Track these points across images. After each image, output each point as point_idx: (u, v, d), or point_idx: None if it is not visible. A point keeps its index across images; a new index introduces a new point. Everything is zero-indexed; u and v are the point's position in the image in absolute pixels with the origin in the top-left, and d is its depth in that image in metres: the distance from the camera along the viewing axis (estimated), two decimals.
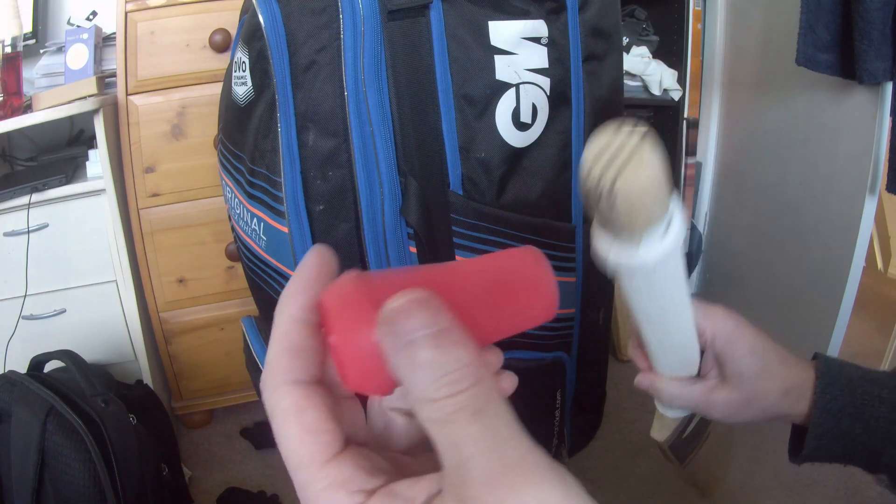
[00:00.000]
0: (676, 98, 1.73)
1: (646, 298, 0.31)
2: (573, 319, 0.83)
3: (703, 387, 0.48)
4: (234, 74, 0.75)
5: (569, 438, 0.93)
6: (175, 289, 1.35)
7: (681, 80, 1.72)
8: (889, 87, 1.07)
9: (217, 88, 0.93)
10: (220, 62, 1.23)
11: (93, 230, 1.24)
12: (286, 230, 0.72)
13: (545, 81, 0.72)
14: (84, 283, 1.27)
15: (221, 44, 1.22)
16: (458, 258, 0.74)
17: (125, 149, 1.26)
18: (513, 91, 0.71)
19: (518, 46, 0.70)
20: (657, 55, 1.75)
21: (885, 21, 0.98)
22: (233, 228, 0.87)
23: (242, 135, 0.75)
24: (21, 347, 1.20)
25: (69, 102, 1.15)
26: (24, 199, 1.17)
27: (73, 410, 0.94)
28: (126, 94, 1.23)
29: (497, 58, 0.70)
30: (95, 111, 1.17)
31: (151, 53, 1.22)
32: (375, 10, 0.67)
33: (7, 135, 1.32)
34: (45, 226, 1.21)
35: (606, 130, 0.24)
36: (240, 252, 0.87)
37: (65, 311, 1.27)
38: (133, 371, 1.33)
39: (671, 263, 0.27)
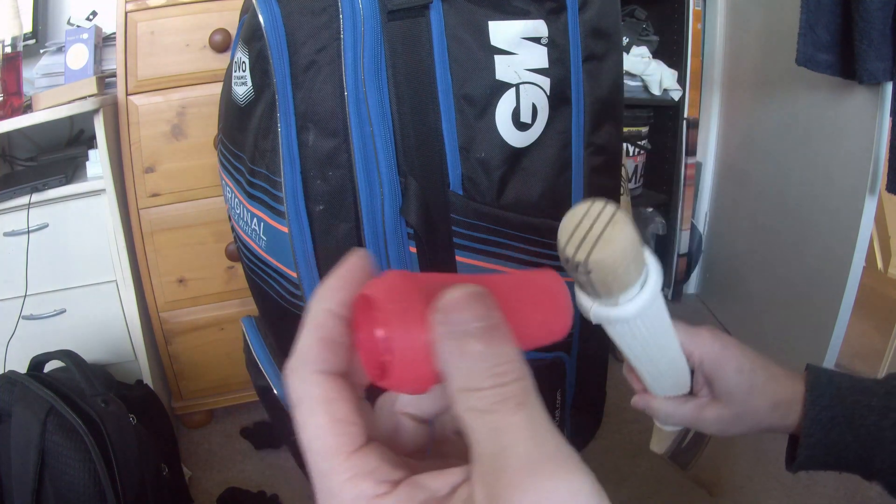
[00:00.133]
0: (676, 98, 1.73)
1: (630, 341, 0.34)
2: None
3: (695, 404, 0.50)
4: (234, 74, 0.75)
5: (569, 439, 0.93)
6: (175, 289, 1.35)
7: (681, 80, 1.72)
8: (889, 87, 1.08)
9: (217, 88, 0.93)
10: (220, 62, 1.23)
11: (93, 230, 1.24)
12: (286, 230, 0.72)
13: (545, 81, 0.72)
14: (84, 283, 1.27)
15: (221, 44, 1.22)
16: (458, 258, 0.74)
17: (125, 149, 1.26)
18: (513, 91, 0.71)
19: (518, 46, 0.70)
20: (657, 55, 1.75)
21: (885, 21, 0.98)
22: (233, 228, 0.87)
23: (242, 135, 0.75)
24: (21, 347, 1.20)
25: (69, 102, 1.15)
26: (24, 199, 1.17)
27: (73, 410, 0.94)
28: (126, 94, 1.23)
29: (497, 58, 0.70)
30: (95, 111, 1.17)
31: (151, 53, 1.22)
32: (375, 10, 0.67)
33: (7, 135, 1.32)
34: (45, 226, 1.21)
35: (579, 209, 0.26)
36: (240, 252, 0.87)
37: (65, 311, 1.27)
38: (133, 371, 1.33)
39: (650, 311, 0.29)
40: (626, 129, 1.79)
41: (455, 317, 0.18)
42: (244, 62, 0.72)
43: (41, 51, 1.37)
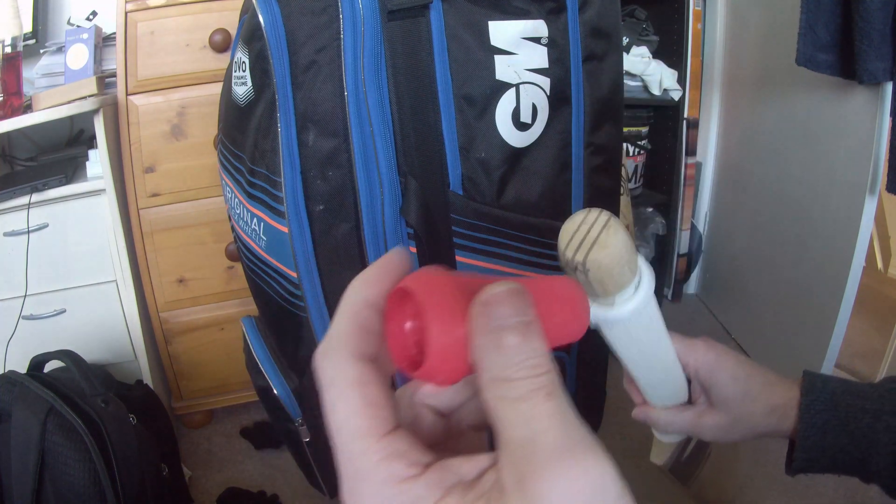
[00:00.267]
0: (676, 98, 1.73)
1: (626, 344, 0.35)
2: None
3: (693, 412, 0.51)
4: (234, 74, 0.75)
5: None
6: (175, 289, 1.35)
7: (681, 80, 1.72)
8: (889, 87, 1.07)
9: (217, 88, 0.93)
10: (220, 62, 1.23)
11: (93, 230, 1.24)
12: (286, 230, 0.72)
13: (545, 81, 0.72)
14: (84, 283, 1.27)
15: (221, 44, 1.22)
16: (458, 258, 0.74)
17: (125, 149, 1.26)
18: (513, 91, 0.71)
19: (518, 46, 0.70)
20: (657, 55, 1.75)
21: (885, 21, 0.98)
22: (233, 228, 0.87)
23: (242, 135, 0.75)
24: (21, 347, 1.20)
25: (69, 102, 1.15)
26: (24, 199, 1.17)
27: (73, 410, 0.94)
28: (126, 94, 1.23)
29: (497, 58, 0.70)
30: (95, 111, 1.17)
31: (151, 53, 1.22)
32: (375, 10, 0.67)
33: (7, 135, 1.32)
34: (45, 226, 1.21)
35: (577, 216, 0.29)
36: (240, 252, 0.87)
37: (65, 311, 1.27)
38: (133, 371, 1.33)
39: (645, 313, 0.31)
40: (626, 129, 1.79)
41: (496, 310, 0.19)
42: (244, 62, 0.72)
43: (41, 51, 1.37)
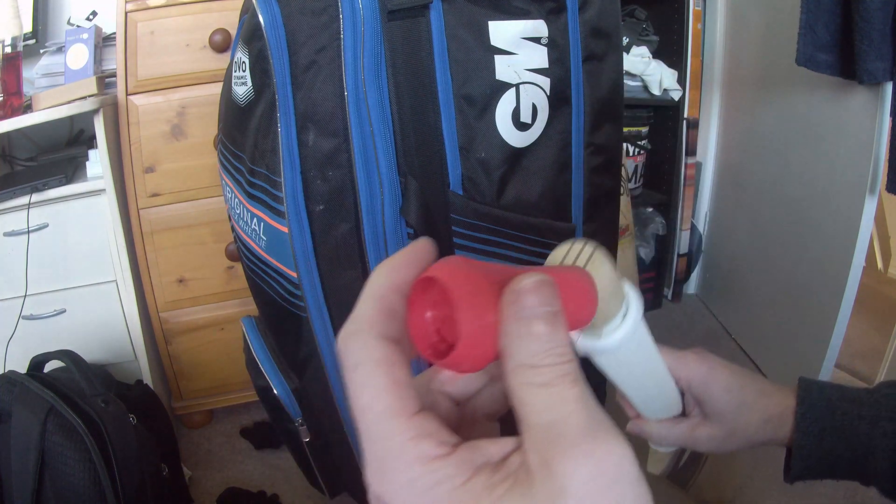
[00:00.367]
0: (676, 98, 1.73)
1: (616, 369, 0.35)
2: None
3: (687, 425, 0.51)
4: (234, 74, 0.75)
5: None
6: (175, 289, 1.35)
7: (681, 80, 1.72)
8: (889, 87, 1.07)
9: (217, 88, 0.93)
10: (220, 62, 1.23)
11: (93, 230, 1.24)
12: (286, 230, 0.72)
13: (545, 81, 0.72)
14: (84, 283, 1.27)
15: (221, 44, 1.22)
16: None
17: (125, 149, 1.26)
18: (513, 91, 0.71)
19: (518, 46, 0.70)
20: (657, 55, 1.75)
21: (885, 21, 0.98)
22: (233, 228, 0.87)
23: (242, 135, 0.75)
24: (21, 347, 1.20)
25: (69, 102, 1.15)
26: (24, 199, 1.17)
27: (73, 410, 0.94)
28: (126, 94, 1.23)
29: (497, 58, 0.70)
30: (95, 111, 1.17)
31: (151, 53, 1.22)
32: (375, 10, 0.66)
33: (7, 135, 1.32)
34: (45, 226, 1.21)
35: (560, 249, 0.28)
36: (240, 252, 0.87)
37: (65, 311, 1.27)
38: (133, 371, 1.33)
39: (634, 339, 0.30)
40: (626, 129, 1.79)
41: (527, 299, 0.19)
42: (244, 62, 0.72)
43: (41, 51, 1.37)
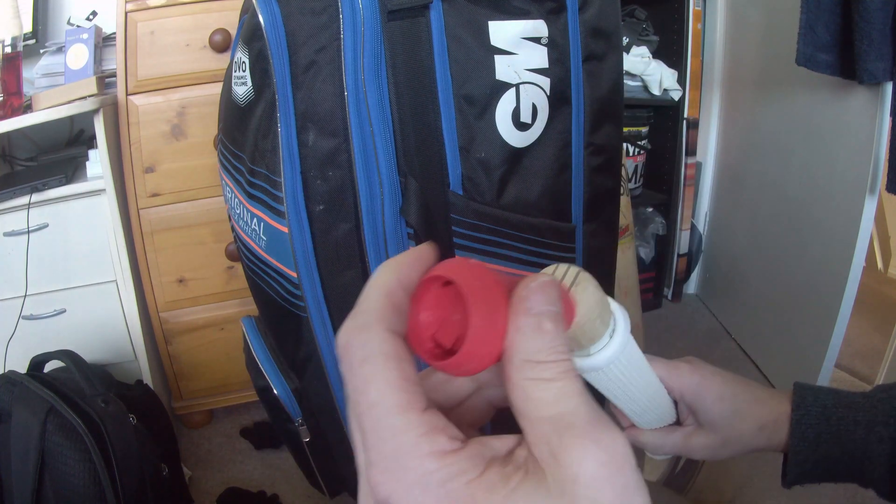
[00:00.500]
0: (676, 98, 1.73)
1: (606, 385, 0.36)
2: None
3: (682, 434, 0.51)
4: (234, 74, 0.75)
5: None
6: (175, 289, 1.35)
7: (681, 80, 1.72)
8: (889, 87, 1.08)
9: (217, 88, 0.93)
10: (220, 62, 1.23)
11: (93, 230, 1.24)
12: (286, 230, 0.72)
13: (545, 81, 0.72)
14: (84, 283, 1.27)
15: (221, 44, 1.22)
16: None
17: (125, 149, 1.26)
18: (513, 91, 0.71)
19: (518, 46, 0.70)
20: (657, 55, 1.75)
21: (885, 21, 0.98)
22: (233, 228, 0.87)
23: (242, 135, 0.75)
24: (21, 347, 1.20)
25: (69, 102, 1.15)
26: (24, 199, 1.17)
27: (73, 410, 0.94)
28: (126, 94, 1.23)
29: (497, 58, 0.70)
30: (95, 111, 1.17)
31: (151, 53, 1.22)
32: (375, 10, 0.66)
33: (7, 135, 1.32)
34: (45, 226, 1.21)
35: (545, 271, 0.28)
36: (240, 252, 0.87)
37: (65, 311, 1.27)
38: (133, 371, 1.33)
39: (623, 355, 0.30)
40: (626, 129, 1.79)
41: (537, 298, 0.21)
42: (244, 62, 0.72)
43: (41, 51, 1.37)
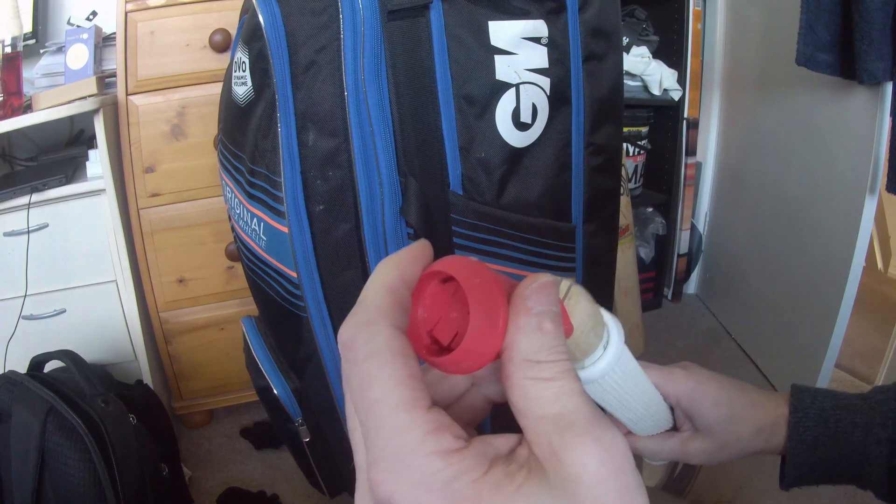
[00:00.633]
0: (676, 98, 1.73)
1: (601, 395, 0.36)
2: None
3: (679, 439, 0.51)
4: (234, 74, 0.75)
5: None
6: (175, 289, 1.35)
7: (681, 80, 1.72)
8: (889, 87, 1.08)
9: (217, 88, 0.93)
10: (220, 62, 1.23)
11: (93, 230, 1.24)
12: (286, 230, 0.72)
13: (545, 81, 0.72)
14: (84, 283, 1.27)
15: (221, 44, 1.22)
16: None
17: (125, 149, 1.26)
18: (513, 91, 0.71)
19: (518, 46, 0.70)
20: (657, 55, 1.75)
21: (885, 21, 0.98)
22: (233, 228, 0.87)
23: (242, 135, 0.75)
24: (21, 347, 1.20)
25: (69, 102, 1.15)
26: (24, 199, 1.17)
27: (73, 410, 0.94)
28: (126, 94, 1.23)
29: (497, 58, 0.70)
30: (95, 111, 1.17)
31: (151, 53, 1.22)
32: (375, 10, 0.66)
33: (7, 135, 1.32)
34: (45, 226, 1.21)
35: None
36: (240, 252, 0.87)
37: (65, 311, 1.27)
38: (133, 371, 1.33)
39: (617, 366, 0.30)
40: (626, 129, 1.79)
41: (539, 297, 0.21)
42: (244, 62, 0.72)
43: (41, 51, 1.37)
